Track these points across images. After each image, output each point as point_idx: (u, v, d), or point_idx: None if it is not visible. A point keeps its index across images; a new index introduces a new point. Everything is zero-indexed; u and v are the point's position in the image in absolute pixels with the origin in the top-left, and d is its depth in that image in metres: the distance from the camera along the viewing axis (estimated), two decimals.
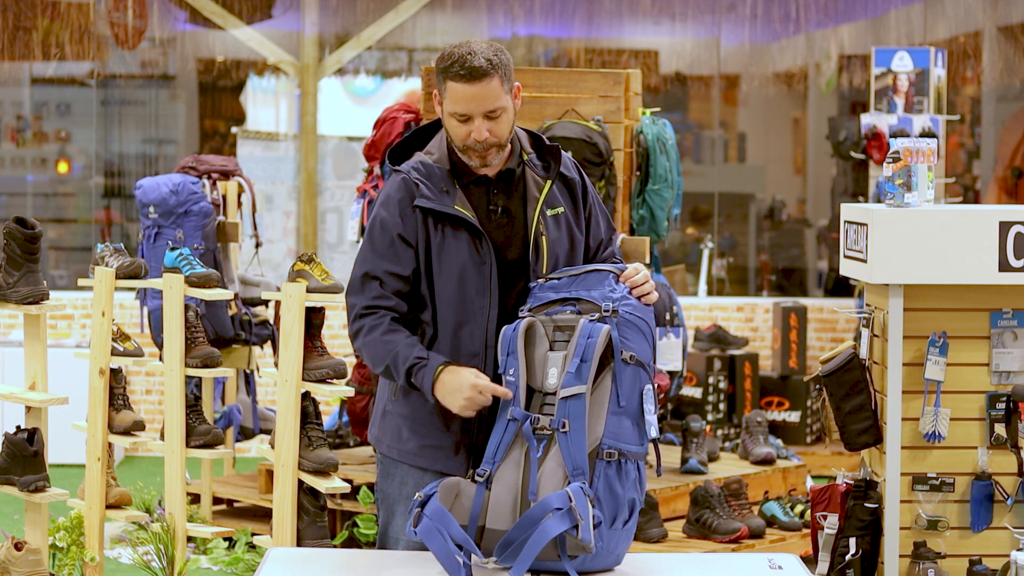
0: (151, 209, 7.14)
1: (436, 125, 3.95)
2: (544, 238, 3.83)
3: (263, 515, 6.90)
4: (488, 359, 3.78)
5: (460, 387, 3.67)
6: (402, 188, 3.81)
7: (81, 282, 6.02)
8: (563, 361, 3.61)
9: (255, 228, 7.68)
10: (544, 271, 3.83)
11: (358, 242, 7.01)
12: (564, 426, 3.56)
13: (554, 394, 3.61)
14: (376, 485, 4.01)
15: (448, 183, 3.80)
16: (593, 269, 3.77)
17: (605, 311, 3.65)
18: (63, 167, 11.17)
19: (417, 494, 3.54)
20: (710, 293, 10.31)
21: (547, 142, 3.93)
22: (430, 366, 3.71)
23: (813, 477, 7.81)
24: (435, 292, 3.81)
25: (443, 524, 3.46)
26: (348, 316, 3.87)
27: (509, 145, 3.86)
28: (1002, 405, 4.69)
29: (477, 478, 3.60)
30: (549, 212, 3.86)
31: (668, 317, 7.19)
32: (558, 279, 3.78)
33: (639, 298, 3.71)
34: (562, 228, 3.88)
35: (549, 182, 3.87)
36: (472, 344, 3.79)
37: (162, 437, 5.91)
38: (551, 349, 3.65)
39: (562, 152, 3.95)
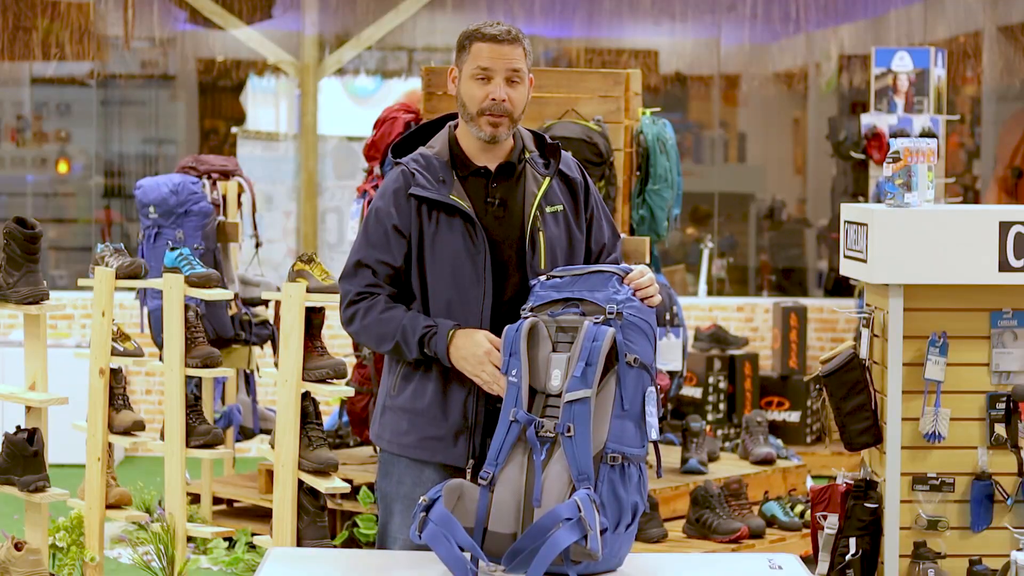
0: (151, 209, 7.14)
1: (440, 123, 3.97)
2: (541, 233, 3.83)
3: (263, 515, 6.90)
4: None
5: (475, 351, 3.70)
6: (399, 178, 3.86)
7: (81, 282, 6.02)
8: (567, 364, 3.58)
9: (255, 228, 7.68)
10: (541, 266, 3.82)
11: None
12: (569, 431, 3.53)
13: (557, 396, 3.58)
14: (376, 484, 4.02)
15: (446, 173, 3.84)
16: (596, 270, 3.74)
17: (609, 313, 3.63)
18: (63, 167, 11.16)
19: (422, 498, 3.51)
20: (710, 293, 10.31)
21: (549, 140, 3.95)
22: (441, 332, 3.75)
23: (813, 477, 7.81)
24: (428, 281, 3.82)
25: (449, 529, 3.43)
26: (341, 302, 3.92)
27: (512, 138, 3.88)
28: (1002, 405, 4.69)
29: (480, 481, 3.58)
30: (548, 209, 3.86)
31: (668, 317, 7.19)
32: (560, 278, 3.75)
33: (643, 300, 3.70)
34: (560, 225, 3.87)
35: (548, 179, 3.88)
36: None
37: (162, 437, 5.90)
38: (554, 350, 3.62)
39: (564, 152, 3.96)
